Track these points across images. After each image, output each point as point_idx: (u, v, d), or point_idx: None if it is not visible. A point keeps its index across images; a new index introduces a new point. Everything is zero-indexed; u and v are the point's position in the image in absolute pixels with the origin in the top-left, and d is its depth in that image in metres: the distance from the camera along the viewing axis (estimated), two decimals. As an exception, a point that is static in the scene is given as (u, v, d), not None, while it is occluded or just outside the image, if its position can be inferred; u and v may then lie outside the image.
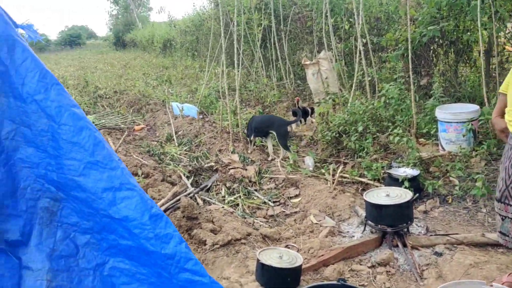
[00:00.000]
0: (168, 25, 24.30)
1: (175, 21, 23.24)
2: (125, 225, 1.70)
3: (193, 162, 5.57)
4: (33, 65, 1.66)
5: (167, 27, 25.51)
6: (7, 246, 1.58)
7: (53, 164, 1.68)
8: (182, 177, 4.93)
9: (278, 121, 5.65)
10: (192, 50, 19.44)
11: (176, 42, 21.38)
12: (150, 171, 5.05)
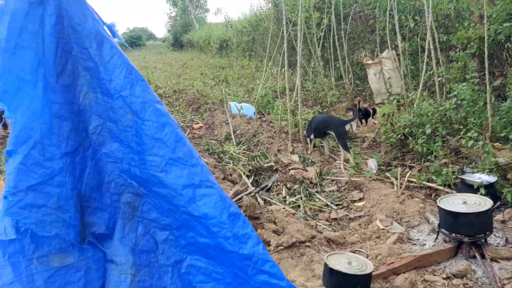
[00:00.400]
0: (225, 25, 24.65)
1: (231, 21, 23.51)
2: (204, 222, 1.68)
3: (253, 162, 5.55)
4: (120, 61, 1.68)
5: (223, 28, 25.92)
6: (94, 239, 1.62)
7: (136, 159, 1.69)
8: (242, 176, 4.92)
9: (336, 121, 5.50)
10: (248, 50, 19.59)
11: (232, 43, 21.65)
12: (210, 170, 5.09)
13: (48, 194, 1.44)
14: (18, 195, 1.38)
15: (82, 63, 1.66)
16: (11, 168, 1.40)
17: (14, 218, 1.36)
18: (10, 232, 1.37)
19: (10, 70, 1.44)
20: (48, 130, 1.49)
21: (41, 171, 1.44)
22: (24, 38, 1.48)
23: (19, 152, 1.42)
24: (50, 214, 1.43)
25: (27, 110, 1.45)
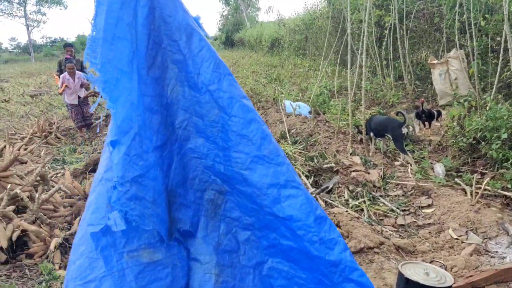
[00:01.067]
0: (277, 24, 24.57)
1: (284, 20, 23.39)
2: (289, 225, 1.60)
3: (312, 162, 5.42)
4: (208, 54, 1.64)
5: (275, 27, 25.85)
6: (179, 236, 1.58)
7: (221, 156, 1.64)
8: (301, 176, 4.81)
9: (393, 123, 5.29)
10: (301, 49, 19.39)
11: (284, 41, 21.53)
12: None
13: (146, 187, 1.42)
14: (125, 186, 1.37)
15: (170, 55, 1.62)
16: (117, 158, 1.38)
17: (123, 209, 1.34)
18: (120, 223, 1.36)
19: (110, 60, 1.43)
20: (143, 122, 1.46)
21: (141, 163, 1.42)
22: (121, 28, 1.47)
23: (122, 142, 1.40)
24: (148, 207, 1.40)
25: (127, 101, 1.43)
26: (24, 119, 10.72)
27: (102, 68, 1.41)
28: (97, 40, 1.43)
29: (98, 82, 1.41)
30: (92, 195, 1.43)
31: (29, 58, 49.11)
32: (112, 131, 1.44)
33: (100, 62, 1.41)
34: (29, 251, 3.78)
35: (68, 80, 8.25)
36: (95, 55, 1.42)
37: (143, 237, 1.43)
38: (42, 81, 20.95)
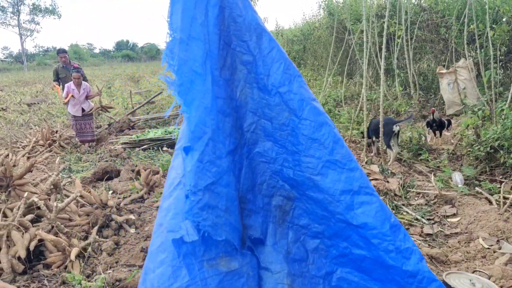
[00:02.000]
0: (275, 34, 24.69)
1: (282, 30, 23.52)
2: (362, 233, 1.53)
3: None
4: (278, 55, 1.58)
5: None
6: (251, 244, 1.50)
7: (290, 160, 1.58)
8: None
9: (388, 121, 5.54)
10: (299, 59, 19.46)
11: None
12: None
13: (219, 194, 1.34)
14: (198, 195, 1.28)
15: (240, 56, 1.57)
16: (190, 165, 1.30)
17: (196, 220, 1.26)
18: (192, 233, 1.27)
19: (185, 62, 1.36)
20: (216, 126, 1.39)
21: (214, 169, 1.34)
22: (195, 28, 1.40)
23: (196, 148, 1.32)
24: (220, 216, 1.32)
25: (200, 104, 1.36)
26: (23, 128, 10.55)
27: (178, 70, 1.34)
28: (175, 40, 1.37)
29: (174, 85, 1.34)
30: (169, 200, 1.35)
31: (22, 67, 48.79)
32: (185, 137, 1.36)
33: (177, 63, 1.35)
34: (46, 261, 3.65)
35: (73, 91, 7.84)
36: (173, 56, 1.36)
37: (220, 245, 1.36)
38: (37, 89, 20.75)
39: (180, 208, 1.31)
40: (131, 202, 4.90)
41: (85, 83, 8.01)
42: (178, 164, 1.40)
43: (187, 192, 1.29)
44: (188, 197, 1.28)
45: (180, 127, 1.47)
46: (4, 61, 62.45)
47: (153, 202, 4.86)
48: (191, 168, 1.31)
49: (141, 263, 3.53)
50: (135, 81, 24.16)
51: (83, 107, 8.00)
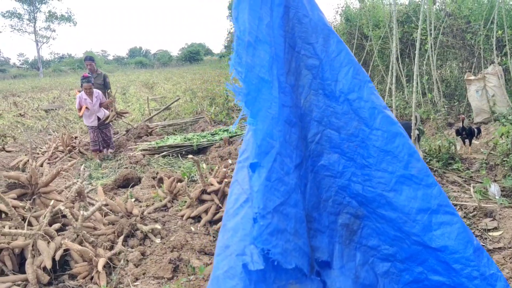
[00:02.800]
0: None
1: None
2: (442, 257, 1.38)
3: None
4: (347, 59, 1.44)
5: (286, 43, 25.86)
6: (318, 267, 1.36)
7: (358, 174, 1.43)
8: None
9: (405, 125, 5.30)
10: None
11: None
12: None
13: (287, 216, 1.20)
14: (267, 218, 1.14)
15: (304, 60, 1.43)
16: (257, 184, 1.17)
17: (265, 247, 1.12)
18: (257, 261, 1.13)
19: (252, 67, 1.23)
20: (283, 138, 1.25)
21: (282, 188, 1.20)
22: (261, 30, 1.28)
23: (263, 165, 1.19)
24: (290, 241, 1.18)
25: (267, 115, 1.23)
26: (42, 133, 10.58)
27: (246, 77, 1.21)
28: (242, 43, 1.24)
29: (242, 95, 1.21)
30: (235, 219, 1.21)
31: (38, 73, 49.49)
32: (251, 151, 1.23)
33: (244, 70, 1.22)
34: (72, 271, 3.55)
35: (85, 100, 7.54)
36: (240, 62, 1.23)
37: (289, 271, 1.21)
38: (54, 96, 20.94)
39: (248, 230, 1.17)
40: (154, 211, 4.79)
41: (97, 91, 7.74)
42: (244, 179, 1.27)
43: (255, 215, 1.15)
44: (256, 221, 1.15)
45: (243, 136, 1.34)
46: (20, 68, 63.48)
47: (177, 211, 4.74)
48: (259, 188, 1.18)
49: (170, 276, 3.40)
50: (149, 88, 24.27)
51: (98, 115, 7.73)
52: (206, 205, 4.58)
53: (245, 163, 1.25)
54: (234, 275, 1.12)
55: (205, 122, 10.00)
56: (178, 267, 3.51)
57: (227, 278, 1.13)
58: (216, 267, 1.18)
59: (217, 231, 4.24)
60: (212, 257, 3.76)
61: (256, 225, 1.14)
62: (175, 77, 30.32)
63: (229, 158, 6.75)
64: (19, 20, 48.01)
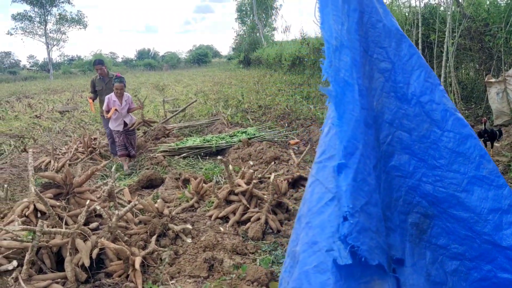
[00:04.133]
0: (300, 42, 24.64)
1: (308, 39, 23.47)
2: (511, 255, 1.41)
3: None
4: (418, 62, 1.49)
5: (296, 45, 25.95)
6: (393, 265, 1.41)
7: (429, 175, 1.48)
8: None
9: None
10: (326, 67, 19.36)
11: (308, 60, 21.53)
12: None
13: (370, 215, 1.25)
14: (355, 217, 1.19)
15: (377, 64, 1.48)
16: (345, 184, 1.22)
17: (355, 244, 1.17)
18: (345, 257, 1.18)
19: (339, 71, 1.29)
20: (364, 140, 1.30)
21: (366, 188, 1.25)
22: (343, 35, 1.33)
23: (349, 165, 1.24)
24: (373, 238, 1.23)
25: (351, 117, 1.28)
26: (60, 135, 10.71)
27: (334, 80, 1.27)
28: (331, 48, 1.29)
29: (331, 97, 1.27)
30: (321, 216, 1.26)
31: (48, 75, 49.93)
32: (338, 152, 1.27)
33: (333, 73, 1.27)
34: (108, 269, 3.61)
35: (115, 102, 7.03)
36: (330, 65, 1.28)
37: (372, 268, 1.26)
38: (67, 97, 21.16)
39: (336, 227, 1.22)
40: (182, 211, 4.85)
41: (127, 94, 7.27)
42: (327, 178, 1.31)
43: (345, 214, 1.20)
44: (346, 219, 1.20)
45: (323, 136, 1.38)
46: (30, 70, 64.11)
47: (205, 212, 4.80)
48: (346, 187, 1.22)
49: (206, 275, 3.46)
50: (160, 90, 24.44)
51: (125, 120, 7.24)
52: (234, 206, 4.63)
53: (327, 163, 1.29)
54: (325, 270, 1.17)
55: (221, 124, 10.07)
56: (213, 266, 3.57)
57: (317, 273, 1.18)
58: (304, 262, 1.23)
59: (246, 231, 4.30)
60: (243, 257, 3.81)
61: (346, 223, 1.19)
62: (185, 79, 30.48)
63: (250, 159, 6.81)
64: (30, 23, 48.52)
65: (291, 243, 1.48)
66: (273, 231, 4.32)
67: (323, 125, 1.42)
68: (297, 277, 1.22)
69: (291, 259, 1.40)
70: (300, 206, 1.48)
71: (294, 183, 5.23)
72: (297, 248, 1.31)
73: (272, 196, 4.42)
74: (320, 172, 1.33)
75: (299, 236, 1.33)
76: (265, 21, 44.09)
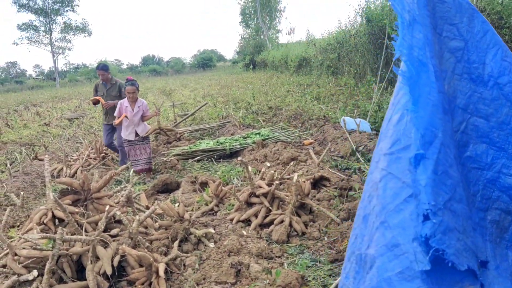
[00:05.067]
0: (306, 44, 24.53)
1: (314, 39, 23.33)
2: None
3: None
4: (494, 39, 1.33)
5: (302, 47, 25.83)
6: (480, 267, 1.24)
7: (510, 166, 1.31)
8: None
9: None
10: (333, 67, 19.20)
11: (315, 61, 21.38)
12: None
13: (455, 213, 1.08)
14: (438, 215, 1.03)
15: (446, 43, 1.32)
16: (425, 178, 1.05)
17: (440, 247, 1.00)
18: (422, 261, 1.01)
19: (412, 48, 1.13)
20: (443, 127, 1.14)
21: (448, 182, 1.09)
22: (415, 9, 1.17)
23: (428, 156, 1.08)
24: (460, 240, 1.07)
25: (428, 101, 1.12)
26: (70, 142, 10.62)
27: (407, 60, 1.11)
28: (405, 22, 1.13)
29: (405, 78, 1.11)
30: (400, 215, 1.09)
31: (54, 84, 50.21)
32: (414, 141, 1.11)
33: (406, 51, 1.11)
34: (130, 277, 3.46)
35: (126, 108, 6.37)
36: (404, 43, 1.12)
37: (462, 273, 1.10)
38: (75, 105, 21.15)
39: (419, 228, 1.05)
40: (202, 215, 4.70)
41: (141, 100, 6.55)
42: (402, 171, 1.15)
43: (426, 212, 1.04)
44: (428, 219, 1.03)
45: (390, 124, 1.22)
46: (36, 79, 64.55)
47: (225, 215, 4.65)
48: (426, 181, 1.06)
49: (233, 281, 3.30)
50: (166, 94, 24.38)
51: (136, 130, 6.51)
52: (256, 208, 4.48)
53: (402, 154, 1.13)
54: (412, 277, 1.01)
55: (233, 126, 9.93)
56: (240, 271, 3.41)
57: (403, 280, 1.02)
58: (383, 268, 1.06)
59: (269, 234, 4.14)
60: (270, 261, 3.65)
61: (428, 223, 1.03)
62: (191, 83, 30.45)
63: (266, 160, 6.65)
64: (35, 32, 48.81)
65: (354, 246, 1.32)
66: (298, 234, 4.15)
67: (389, 112, 1.26)
68: (375, 285, 1.06)
69: (357, 263, 1.23)
70: (364, 204, 1.31)
71: (315, 184, 5.07)
72: (369, 251, 1.15)
73: (295, 197, 4.26)
74: (393, 164, 1.17)
75: (371, 237, 1.16)
76: (269, 23, 44.00)
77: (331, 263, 3.55)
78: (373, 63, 15.14)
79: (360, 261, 1.20)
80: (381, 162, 1.22)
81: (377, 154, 1.27)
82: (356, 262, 1.24)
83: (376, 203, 1.18)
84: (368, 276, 1.13)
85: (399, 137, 1.17)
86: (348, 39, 16.83)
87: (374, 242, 1.14)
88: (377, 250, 1.11)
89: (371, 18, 14.47)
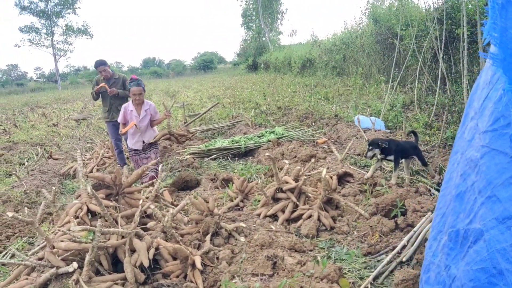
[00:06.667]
0: (310, 45, 24.58)
1: (318, 40, 23.39)
2: None
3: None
4: None
5: (306, 48, 25.89)
6: None
7: None
8: (432, 190, 4.47)
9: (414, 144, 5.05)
10: (338, 67, 19.25)
11: (320, 61, 21.43)
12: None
13: None
14: None
15: None
16: None
17: None
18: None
19: (505, 30, 1.14)
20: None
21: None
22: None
23: None
24: None
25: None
26: (81, 141, 10.64)
27: (500, 42, 1.12)
28: (497, 6, 1.15)
29: (498, 61, 1.12)
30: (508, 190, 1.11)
31: (56, 86, 50.23)
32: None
33: (498, 34, 1.13)
34: (165, 270, 3.48)
35: (131, 113, 5.48)
36: (495, 27, 1.14)
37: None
38: (80, 106, 21.18)
39: None
40: (228, 210, 4.72)
41: (149, 102, 5.65)
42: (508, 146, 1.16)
43: None
44: None
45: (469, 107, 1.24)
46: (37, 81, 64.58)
47: (252, 210, 4.67)
48: None
49: (270, 273, 3.31)
50: (170, 96, 24.40)
51: (143, 139, 5.64)
52: (283, 204, 4.50)
53: (507, 130, 1.15)
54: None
55: (245, 125, 9.96)
56: (276, 263, 3.43)
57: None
58: (495, 240, 1.08)
59: (298, 229, 4.16)
60: (303, 254, 3.67)
61: None
62: (194, 85, 30.48)
63: (283, 158, 6.67)
64: (37, 34, 48.87)
65: (440, 225, 1.34)
66: (326, 228, 4.17)
67: (483, 92, 1.28)
68: (486, 257, 1.08)
69: (450, 240, 1.25)
70: (455, 182, 1.33)
71: (339, 180, 5.09)
72: (472, 226, 1.17)
73: (324, 192, 4.28)
74: (497, 141, 1.18)
75: (472, 213, 1.18)
76: (270, 25, 44.09)
77: (364, 256, 3.57)
78: (380, 63, 15.18)
79: (457, 237, 1.22)
80: (478, 140, 1.23)
81: (469, 133, 1.29)
82: (449, 239, 1.25)
83: (477, 179, 1.19)
84: (472, 250, 1.14)
85: (501, 115, 1.19)
86: (354, 40, 16.88)
87: (478, 217, 1.15)
88: (485, 224, 1.12)
89: (378, 19, 14.54)
